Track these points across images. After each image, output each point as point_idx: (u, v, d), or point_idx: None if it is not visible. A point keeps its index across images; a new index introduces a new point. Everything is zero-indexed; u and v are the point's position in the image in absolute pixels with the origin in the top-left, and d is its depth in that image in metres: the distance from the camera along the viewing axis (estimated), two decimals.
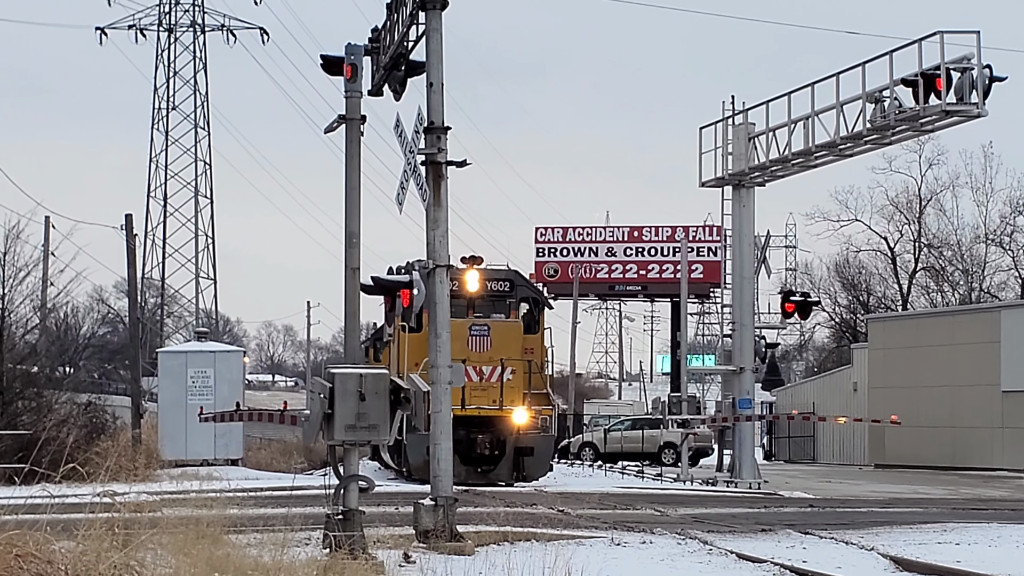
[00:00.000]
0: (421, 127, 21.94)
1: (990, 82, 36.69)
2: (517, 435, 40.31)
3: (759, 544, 22.13)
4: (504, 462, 40.21)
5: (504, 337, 40.84)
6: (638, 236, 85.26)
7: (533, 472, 41.09)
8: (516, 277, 43.57)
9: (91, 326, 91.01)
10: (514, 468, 40.55)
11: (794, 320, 50.45)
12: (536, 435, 41.12)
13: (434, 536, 20.41)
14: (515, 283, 42.88)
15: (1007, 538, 23.34)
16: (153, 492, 21.62)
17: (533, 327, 42.50)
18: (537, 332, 42.63)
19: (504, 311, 42.08)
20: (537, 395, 41.31)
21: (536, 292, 45.15)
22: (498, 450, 40.33)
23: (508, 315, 41.92)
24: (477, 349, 39.58)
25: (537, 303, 43.71)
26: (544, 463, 41.96)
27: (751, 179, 45.14)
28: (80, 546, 11.63)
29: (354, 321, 23.48)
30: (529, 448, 40.73)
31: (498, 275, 42.15)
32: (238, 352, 52.61)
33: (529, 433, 40.70)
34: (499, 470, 40.46)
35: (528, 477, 40.80)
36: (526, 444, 40.60)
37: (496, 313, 41.73)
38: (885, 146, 44.63)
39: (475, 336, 39.88)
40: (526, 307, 42.92)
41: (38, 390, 41.22)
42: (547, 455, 42.38)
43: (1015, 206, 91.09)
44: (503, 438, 40.17)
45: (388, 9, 24.34)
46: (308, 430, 19.52)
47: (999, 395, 56.09)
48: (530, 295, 43.71)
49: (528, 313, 42.80)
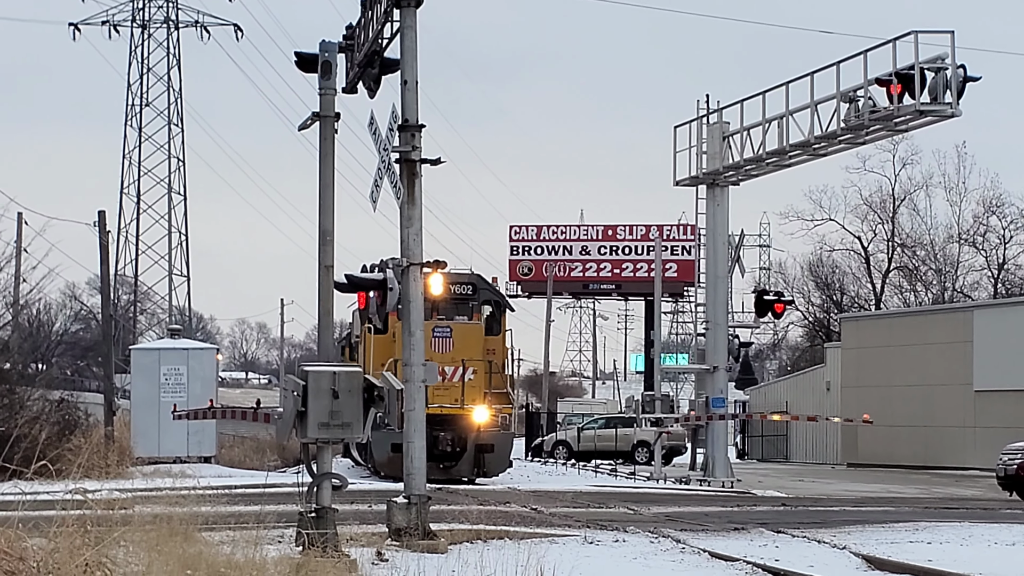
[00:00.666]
0: (395, 125, 21.94)
1: (964, 82, 36.80)
2: (478, 433, 41.31)
3: (732, 543, 22.18)
4: (465, 459, 41.11)
5: (466, 339, 41.97)
6: (612, 235, 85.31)
7: (493, 468, 42.27)
8: (479, 281, 44.56)
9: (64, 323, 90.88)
10: (475, 464, 41.58)
11: (767, 319, 50.58)
12: (496, 432, 42.33)
13: (407, 534, 20.41)
14: (477, 287, 43.94)
15: (979, 537, 23.43)
16: (126, 489, 21.61)
17: (495, 329, 43.80)
18: (498, 334, 43.97)
19: (467, 313, 43.11)
20: (498, 394, 42.55)
21: (498, 295, 46.05)
22: (460, 447, 41.25)
23: (471, 317, 42.95)
24: (440, 350, 40.28)
25: (499, 306, 44.87)
26: (504, 459, 43.03)
27: (725, 178, 45.22)
28: (52, 543, 11.61)
29: (328, 319, 23.48)
30: (490, 445, 41.79)
31: (461, 279, 42.91)
32: (211, 349, 52.57)
33: (490, 431, 41.79)
34: (460, 466, 41.37)
35: (488, 473, 42.01)
36: (486, 441, 41.65)
37: (459, 315, 42.82)
38: (859, 146, 44.74)
39: (438, 337, 40.69)
40: (488, 309, 43.98)
41: (10, 386, 41.06)
42: (506, 452, 43.35)
43: (988, 206, 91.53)
44: (464, 436, 41.11)
45: (363, 6, 24.31)
46: (281, 428, 19.51)
47: (971, 394, 56.29)
48: (492, 298, 44.71)
49: (490, 315, 43.92)
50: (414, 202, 21.86)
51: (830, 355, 70.63)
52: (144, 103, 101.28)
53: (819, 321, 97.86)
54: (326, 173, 22.95)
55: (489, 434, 41.78)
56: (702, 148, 45.43)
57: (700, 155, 45.47)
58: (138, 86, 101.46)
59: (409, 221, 21.90)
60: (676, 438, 59.36)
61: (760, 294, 48.15)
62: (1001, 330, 55.83)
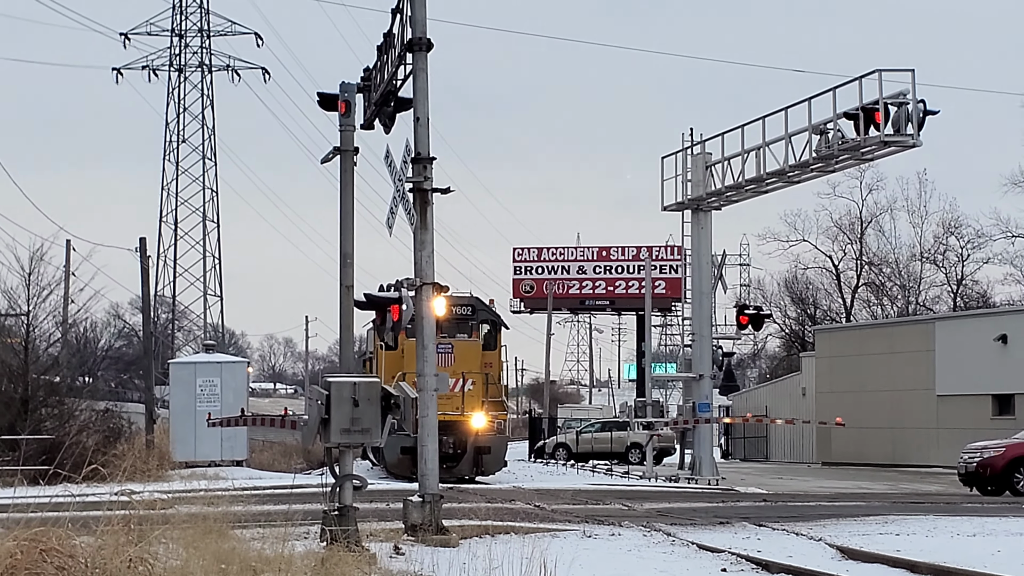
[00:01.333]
0: (409, 157, 21.95)
1: (924, 115, 36.80)
2: (476, 436, 42.26)
3: (717, 535, 22.13)
4: (466, 459, 41.82)
5: (465, 354, 43.00)
6: (606, 255, 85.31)
7: (490, 467, 43.08)
8: (477, 303, 45.51)
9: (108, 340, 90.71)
10: (474, 464, 42.45)
11: (748, 331, 50.46)
12: (492, 436, 43.24)
13: (422, 530, 20.38)
14: (476, 308, 44.99)
15: (942, 529, 23.37)
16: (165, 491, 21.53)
17: (492, 345, 44.91)
18: (495, 349, 45.09)
19: (467, 331, 44.19)
20: (494, 402, 43.81)
21: (494, 315, 46.69)
22: (461, 449, 42.07)
23: (470, 335, 44.03)
24: (442, 364, 40.77)
25: (495, 324, 45.82)
26: (499, 460, 43.77)
27: (708, 203, 45.18)
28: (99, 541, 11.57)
29: (348, 334, 23.45)
30: (487, 447, 42.70)
31: (461, 301, 44.01)
32: (242, 363, 52.49)
33: (487, 435, 42.76)
34: (461, 466, 42.07)
35: (486, 472, 42.81)
36: (484, 444, 42.56)
37: (460, 333, 43.84)
38: (829, 173, 44.70)
39: (440, 353, 41.20)
40: (486, 328, 45.10)
41: (60, 398, 41.06)
42: (502, 453, 44.15)
43: (947, 227, 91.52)
44: (464, 439, 41.91)
45: (379, 51, 24.38)
46: (307, 434, 19.49)
47: (934, 399, 56.18)
48: (489, 318, 45.65)
49: (488, 333, 45.05)
50: (426, 227, 21.87)
51: (805, 364, 70.50)
52: (181, 140, 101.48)
53: (795, 333, 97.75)
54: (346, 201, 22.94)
55: (486, 438, 42.64)
56: (687, 176, 45.41)
57: (685, 183, 45.44)
58: (175, 124, 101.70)
59: (422, 245, 21.89)
60: (666, 440, 59.28)
61: (741, 308, 48.10)
62: (960, 340, 55.75)
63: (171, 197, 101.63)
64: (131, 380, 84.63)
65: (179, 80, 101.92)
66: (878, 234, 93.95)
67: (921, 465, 54.85)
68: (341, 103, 23.14)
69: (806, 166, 40.25)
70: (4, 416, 36.83)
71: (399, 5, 22.90)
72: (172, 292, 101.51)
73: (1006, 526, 23.72)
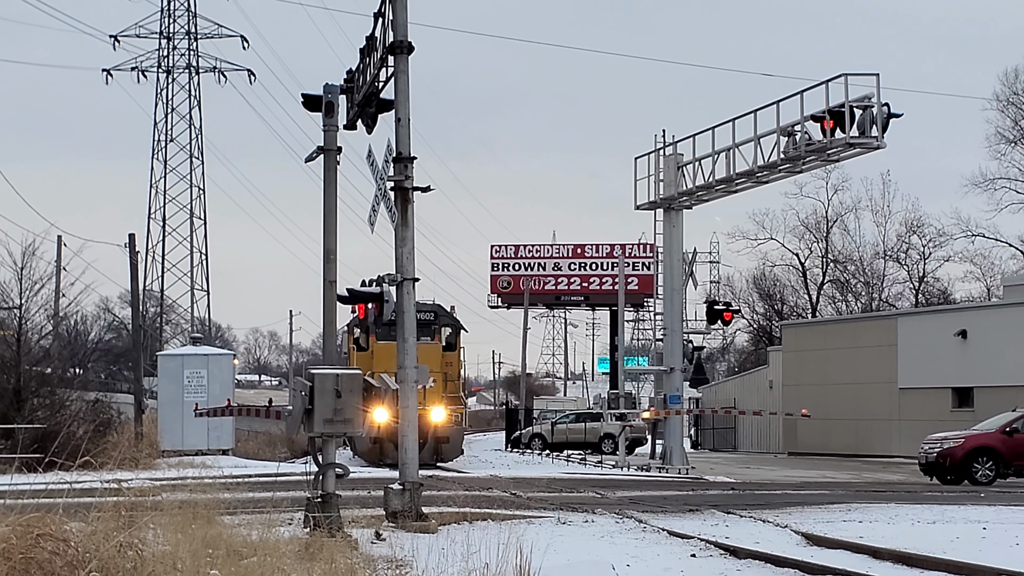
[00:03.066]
0: (390, 157, 21.96)
1: (888, 118, 36.92)
2: (436, 428, 44.69)
3: (687, 522, 22.18)
4: (427, 448, 42.65)
5: (427, 355, 44.83)
6: (581, 253, 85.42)
7: (448, 455, 46.04)
8: (439, 310, 48.91)
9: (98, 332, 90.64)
10: (434, 452, 44.63)
11: (717, 326, 50.63)
12: (451, 428, 46.03)
13: (402, 516, 20.40)
14: (438, 314, 48.07)
15: (903, 516, 23.45)
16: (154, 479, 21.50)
17: (452, 347, 48.20)
18: (455, 351, 48.40)
19: (429, 335, 45.86)
20: (452, 398, 46.74)
21: (455, 321, 49.42)
22: (423, 439, 42.93)
23: (432, 338, 46.01)
24: None
25: (455, 329, 49.06)
26: (456, 448, 47.06)
27: (680, 203, 45.27)
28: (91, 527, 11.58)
29: (331, 327, 23.51)
30: (446, 438, 45.60)
31: (425, 308, 45.44)
32: (228, 355, 52.36)
33: (445, 427, 45.76)
34: (422, 454, 42.87)
35: (444, 459, 45.47)
36: (443, 435, 45.35)
37: (423, 336, 45.89)
38: (797, 174, 44.84)
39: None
40: (448, 331, 48.31)
41: (52, 389, 40.93)
42: (459, 443, 47.50)
43: (909, 226, 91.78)
44: (426, 430, 42.69)
45: (361, 53, 24.37)
46: (291, 423, 19.48)
47: (896, 392, 56.39)
48: (449, 323, 48.81)
49: (449, 336, 48.28)
50: (407, 225, 21.88)
51: (772, 357, 70.67)
52: (169, 139, 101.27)
53: (762, 328, 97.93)
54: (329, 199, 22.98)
55: (445, 429, 45.28)
56: (659, 177, 45.50)
57: (658, 183, 45.53)
58: (163, 124, 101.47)
59: (403, 241, 21.90)
60: (638, 431, 59.33)
61: (711, 304, 48.25)
62: (921, 335, 55.97)
63: (159, 195, 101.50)
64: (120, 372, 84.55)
65: (167, 81, 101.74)
66: (843, 233, 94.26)
67: (883, 455, 55.02)
68: (325, 104, 23.19)
69: (774, 167, 40.36)
70: None
71: (381, 9, 22.90)
72: (160, 287, 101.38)
73: (964, 514, 23.82)
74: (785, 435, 64.16)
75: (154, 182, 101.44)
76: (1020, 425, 38.05)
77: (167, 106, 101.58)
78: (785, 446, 63.99)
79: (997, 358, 51.12)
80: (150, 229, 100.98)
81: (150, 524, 12.59)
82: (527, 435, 68.31)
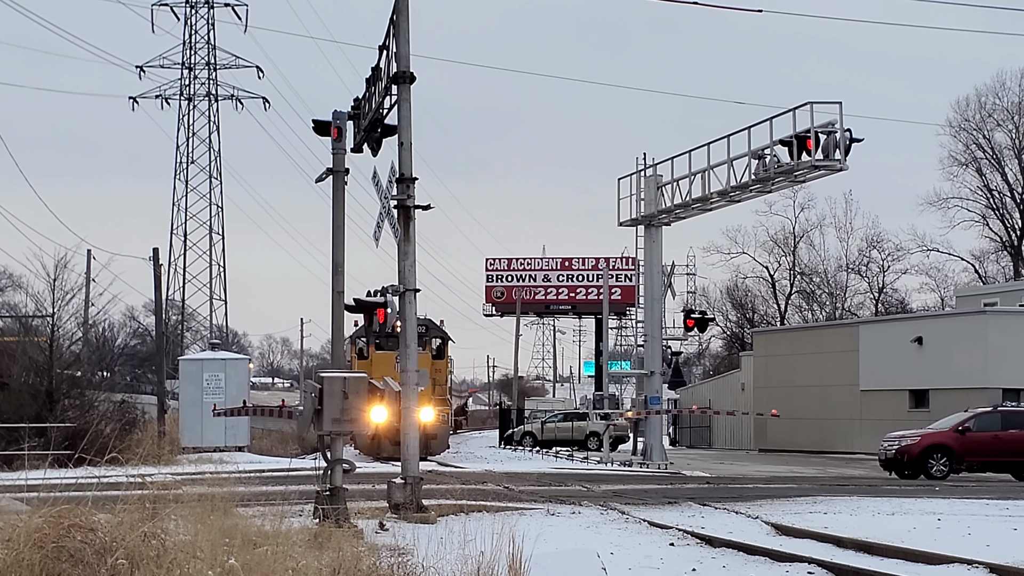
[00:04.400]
0: (394, 178, 21.98)
1: (850, 142, 37.02)
2: (426, 426, 45.19)
3: (666, 513, 22.16)
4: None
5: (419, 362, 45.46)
6: (569, 265, 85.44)
7: (436, 449, 48.09)
8: (430, 323, 50.86)
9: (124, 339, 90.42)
10: (424, 447, 45.26)
11: (694, 333, 50.63)
12: (438, 426, 48.27)
13: (404, 508, 20.37)
14: (429, 327, 49.92)
15: (864, 508, 23.46)
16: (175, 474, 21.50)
17: (441, 355, 51.47)
18: (443, 358, 51.70)
19: (421, 345, 48.13)
20: (440, 400, 49.27)
21: (443, 333, 52.44)
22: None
23: (424, 348, 47.01)
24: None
25: (444, 340, 52.32)
26: (443, 443, 50.15)
27: (659, 220, 45.32)
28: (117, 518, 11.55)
29: (339, 334, 23.46)
30: (434, 435, 47.29)
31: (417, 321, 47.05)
32: (244, 359, 52.27)
33: (434, 425, 46.96)
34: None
35: (433, 453, 47.03)
36: (432, 432, 46.59)
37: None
38: (767, 193, 44.92)
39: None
40: (437, 342, 51.36)
41: (81, 391, 40.86)
42: (445, 438, 50.76)
43: (870, 242, 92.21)
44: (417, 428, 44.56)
45: (367, 83, 24.38)
46: (302, 422, 19.44)
47: (858, 393, 56.41)
48: (438, 335, 51.85)
49: (438, 346, 51.38)
50: (409, 240, 21.87)
51: (744, 362, 70.69)
52: (190, 161, 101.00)
53: (735, 334, 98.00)
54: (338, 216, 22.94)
55: (433, 427, 46.78)
56: (640, 196, 45.56)
57: (639, 201, 45.59)
58: (185, 147, 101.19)
59: (405, 255, 21.90)
60: (621, 429, 59.31)
61: (688, 313, 48.27)
62: (881, 341, 56.01)
63: (181, 212, 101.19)
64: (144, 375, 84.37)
65: (188, 108, 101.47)
66: (809, 247, 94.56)
67: (846, 452, 55.04)
68: (333, 129, 23.14)
69: (746, 187, 40.43)
70: (31, 406, 36.67)
71: (385, 43, 22.91)
72: (182, 296, 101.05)
73: (921, 506, 23.85)
74: (756, 433, 64.16)
75: (176, 200, 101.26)
76: (972, 424, 38.08)
77: (188, 131, 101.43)
78: (756, 443, 63.98)
79: (950, 362, 51.16)
80: (172, 244, 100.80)
81: (172, 515, 12.56)
82: (519, 433, 68.21)
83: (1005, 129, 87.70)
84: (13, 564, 10.13)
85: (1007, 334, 50.56)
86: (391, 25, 22.20)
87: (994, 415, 38.70)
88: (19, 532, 10.49)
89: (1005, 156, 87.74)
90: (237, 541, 12.10)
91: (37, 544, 10.31)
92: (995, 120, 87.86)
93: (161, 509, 12.43)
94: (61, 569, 10.23)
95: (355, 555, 12.83)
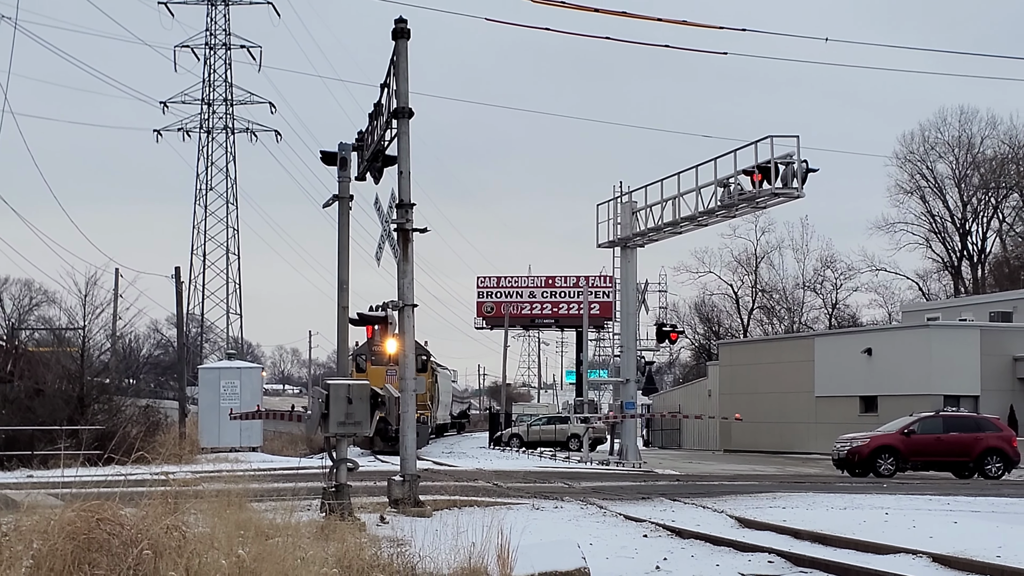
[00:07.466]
0: (394, 204, 21.97)
1: (807, 172, 37.16)
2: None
3: (640, 508, 22.16)
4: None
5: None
6: (552, 283, 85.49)
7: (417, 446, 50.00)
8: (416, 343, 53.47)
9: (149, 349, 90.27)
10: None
11: (665, 344, 50.66)
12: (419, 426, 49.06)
13: (402, 503, 20.35)
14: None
15: (819, 503, 23.47)
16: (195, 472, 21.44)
17: (424, 368, 53.73)
18: (426, 372, 54.64)
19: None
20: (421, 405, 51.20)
21: (426, 352, 55.72)
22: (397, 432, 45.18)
23: None
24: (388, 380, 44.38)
25: (427, 356, 55.85)
26: (424, 439, 51.18)
27: (634, 242, 45.41)
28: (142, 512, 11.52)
29: (344, 345, 23.45)
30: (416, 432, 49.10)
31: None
32: (258, 368, 52.20)
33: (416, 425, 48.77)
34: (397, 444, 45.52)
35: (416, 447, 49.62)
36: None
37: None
38: (731, 218, 45.05)
39: (390, 376, 46.08)
40: (423, 359, 52.65)
41: (110, 396, 40.80)
42: (425, 436, 52.43)
43: (824, 262, 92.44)
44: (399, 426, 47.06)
45: (370, 118, 24.41)
46: (310, 425, 19.43)
47: (813, 399, 56.46)
48: (423, 353, 52.77)
49: (423, 361, 53.20)
50: (407, 260, 21.88)
51: (711, 371, 70.73)
52: (208, 188, 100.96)
53: (702, 346, 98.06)
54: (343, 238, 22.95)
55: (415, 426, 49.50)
56: (617, 220, 45.65)
57: (616, 225, 45.68)
58: (204, 175, 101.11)
59: (404, 274, 21.91)
60: (599, 431, 59.29)
61: (660, 326, 48.31)
62: (834, 352, 56.09)
63: (200, 234, 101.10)
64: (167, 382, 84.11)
65: (208, 140, 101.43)
66: (769, 267, 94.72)
67: (803, 452, 55.06)
68: (339, 159, 23.16)
69: (712, 212, 40.56)
70: (64, 410, 36.60)
71: (387, 80, 22.94)
72: (201, 311, 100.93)
73: (871, 501, 23.86)
74: (721, 435, 64.18)
75: (196, 223, 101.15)
76: (916, 427, 38.12)
77: (207, 160, 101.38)
78: (722, 444, 64.00)
79: (897, 372, 51.25)
80: (193, 263, 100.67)
81: (192, 510, 12.55)
82: (507, 435, 68.15)
83: (947, 160, 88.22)
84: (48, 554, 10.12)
85: (948, 346, 50.68)
86: (391, 65, 22.24)
87: (936, 419, 38.76)
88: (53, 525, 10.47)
89: (946, 185, 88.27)
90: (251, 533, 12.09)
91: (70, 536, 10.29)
92: (937, 152, 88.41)
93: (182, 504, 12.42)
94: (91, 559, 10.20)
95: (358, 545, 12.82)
